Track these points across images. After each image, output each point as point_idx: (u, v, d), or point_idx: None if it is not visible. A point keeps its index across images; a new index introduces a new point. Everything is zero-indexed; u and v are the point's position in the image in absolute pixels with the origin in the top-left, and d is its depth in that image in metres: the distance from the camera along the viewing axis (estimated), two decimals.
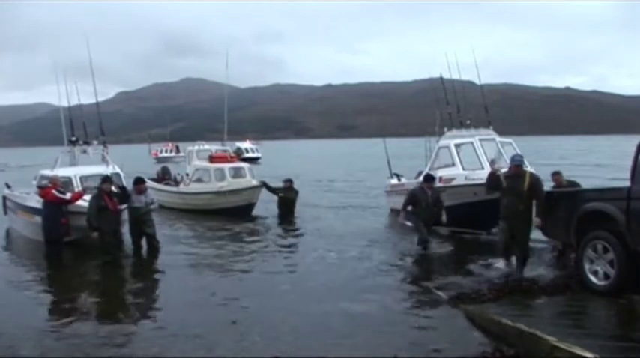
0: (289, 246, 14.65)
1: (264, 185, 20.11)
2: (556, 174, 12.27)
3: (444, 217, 13.09)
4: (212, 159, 22.10)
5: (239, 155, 31.05)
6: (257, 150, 72.68)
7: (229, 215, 19.48)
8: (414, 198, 13.03)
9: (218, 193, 20.47)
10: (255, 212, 20.21)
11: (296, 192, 20.04)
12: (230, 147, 25.85)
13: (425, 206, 12.91)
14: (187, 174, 22.77)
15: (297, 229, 17.32)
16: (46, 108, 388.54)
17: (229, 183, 20.62)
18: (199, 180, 21.74)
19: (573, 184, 12.23)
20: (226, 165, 21.43)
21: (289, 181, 20.02)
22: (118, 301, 9.92)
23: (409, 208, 13.17)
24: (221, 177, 20.86)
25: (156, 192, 22.04)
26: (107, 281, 11.35)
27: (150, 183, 22.80)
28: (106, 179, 12.96)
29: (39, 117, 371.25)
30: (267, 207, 20.48)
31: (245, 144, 72.53)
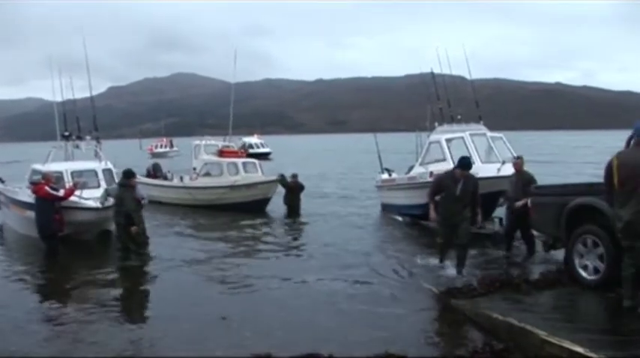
0: (290, 243, 14.76)
1: (282, 178, 19.89)
2: (518, 159, 12.05)
3: (479, 217, 10.31)
4: (222, 153, 21.83)
5: (245, 150, 30.56)
6: (265, 145, 69.40)
7: (242, 210, 19.12)
8: (439, 186, 10.16)
9: (233, 187, 20.16)
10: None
11: (301, 187, 20.05)
12: (235, 142, 25.40)
13: (449, 198, 9.85)
14: (195, 169, 22.34)
15: (300, 226, 17.46)
16: (37, 103, 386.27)
17: (243, 178, 20.42)
18: (208, 175, 21.39)
19: (531, 178, 11.60)
20: (239, 160, 21.40)
21: (294, 176, 20.08)
22: (109, 297, 9.86)
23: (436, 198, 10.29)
24: (234, 171, 20.69)
25: (155, 188, 21.83)
26: (99, 277, 11.25)
27: (147, 180, 22.52)
28: (131, 174, 12.99)
29: (29, 112, 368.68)
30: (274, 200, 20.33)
31: (253, 139, 69.57)
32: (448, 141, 15.34)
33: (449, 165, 14.50)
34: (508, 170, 13.82)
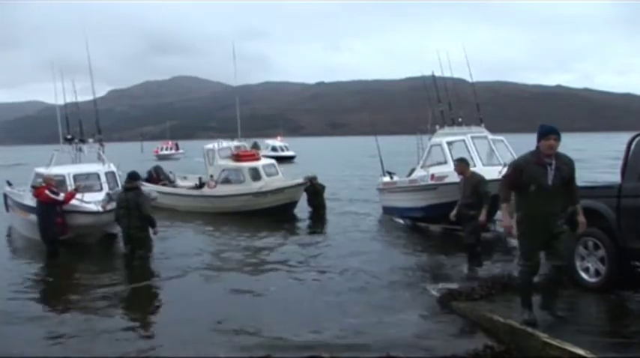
0: (297, 244, 14.67)
1: (310, 181, 19.56)
2: (460, 162, 10.98)
3: (580, 217, 6.90)
4: (238, 157, 20.94)
5: (258, 151, 29.69)
6: (289, 148, 66.58)
7: (268, 215, 18.60)
8: (519, 174, 6.70)
9: (258, 194, 19.41)
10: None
11: (323, 187, 20.03)
12: (246, 143, 24.69)
13: (538, 193, 6.56)
14: (212, 176, 21.14)
15: (317, 232, 17.12)
16: (38, 107, 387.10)
17: (267, 183, 19.79)
18: (227, 181, 20.51)
19: (482, 179, 10.64)
20: (260, 164, 20.64)
21: (314, 178, 19.92)
22: (105, 298, 9.83)
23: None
24: (256, 176, 19.96)
25: (170, 197, 21.04)
26: (100, 281, 11.18)
27: (160, 188, 21.37)
28: (136, 176, 12.74)
29: (31, 115, 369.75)
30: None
31: (277, 142, 67.48)
32: (449, 143, 15.35)
33: (450, 168, 14.53)
34: None
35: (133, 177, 12.59)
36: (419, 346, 6.95)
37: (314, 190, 19.70)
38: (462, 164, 10.92)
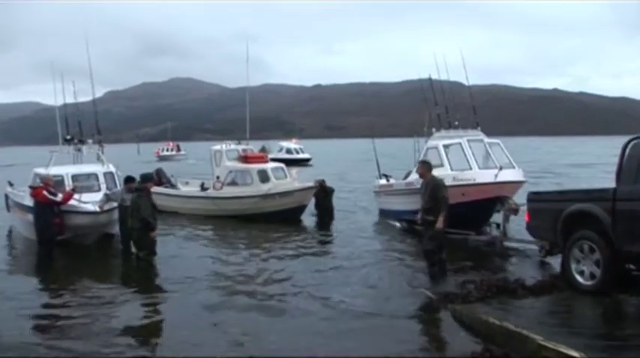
0: (297, 247, 14.56)
1: (320, 185, 19.31)
2: (423, 164, 10.67)
3: None
4: (247, 159, 20.44)
5: (267, 154, 29.04)
6: (304, 151, 64.67)
7: (275, 219, 18.21)
8: None
9: (266, 196, 18.92)
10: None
11: (332, 190, 19.94)
12: (254, 146, 24.15)
13: None
14: (218, 177, 20.47)
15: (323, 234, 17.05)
16: (35, 107, 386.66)
17: (275, 185, 19.32)
18: (234, 183, 20.00)
19: (440, 184, 10.08)
20: (268, 166, 20.21)
21: (322, 181, 19.78)
22: (102, 299, 9.83)
23: None
24: (265, 178, 19.46)
25: (172, 199, 20.68)
26: (98, 283, 11.14)
27: (163, 189, 21.09)
28: (147, 178, 12.79)
29: (27, 116, 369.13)
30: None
31: (292, 144, 66.25)
32: (446, 146, 15.40)
33: (447, 171, 14.59)
34: (505, 176, 13.94)
35: (143, 178, 12.72)
36: (415, 348, 6.98)
37: (324, 194, 19.56)
38: (424, 166, 10.53)
